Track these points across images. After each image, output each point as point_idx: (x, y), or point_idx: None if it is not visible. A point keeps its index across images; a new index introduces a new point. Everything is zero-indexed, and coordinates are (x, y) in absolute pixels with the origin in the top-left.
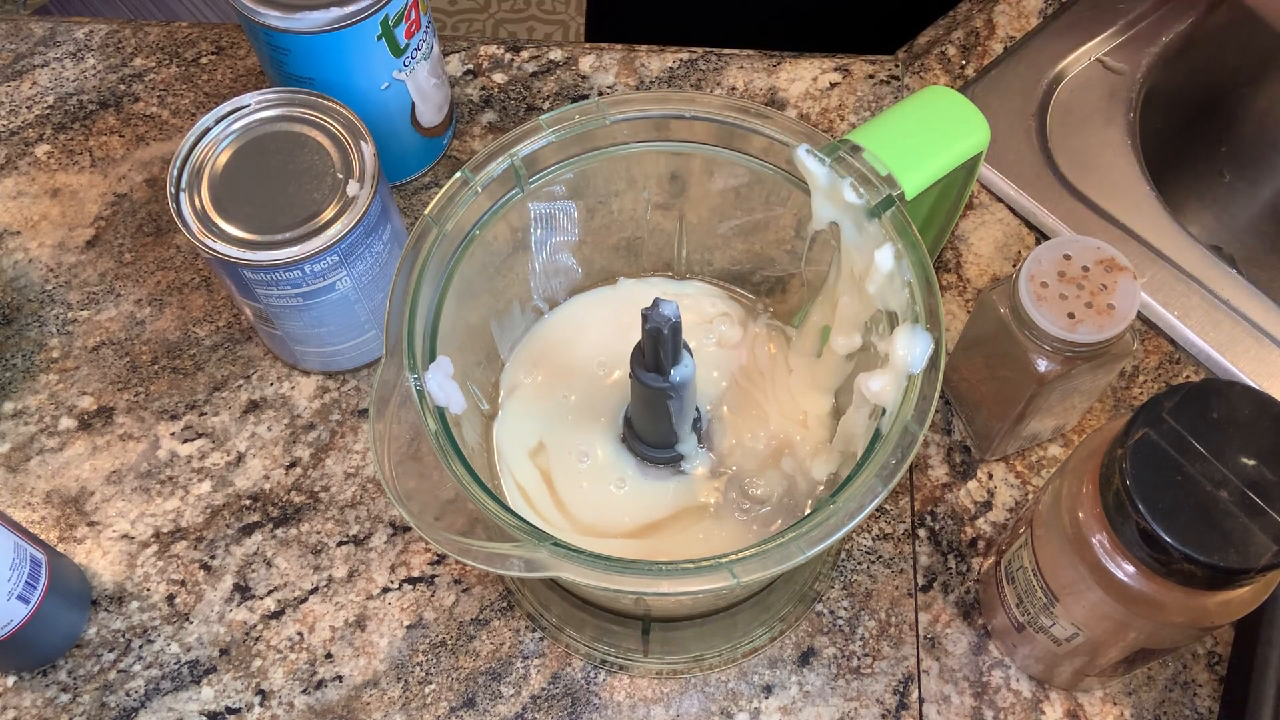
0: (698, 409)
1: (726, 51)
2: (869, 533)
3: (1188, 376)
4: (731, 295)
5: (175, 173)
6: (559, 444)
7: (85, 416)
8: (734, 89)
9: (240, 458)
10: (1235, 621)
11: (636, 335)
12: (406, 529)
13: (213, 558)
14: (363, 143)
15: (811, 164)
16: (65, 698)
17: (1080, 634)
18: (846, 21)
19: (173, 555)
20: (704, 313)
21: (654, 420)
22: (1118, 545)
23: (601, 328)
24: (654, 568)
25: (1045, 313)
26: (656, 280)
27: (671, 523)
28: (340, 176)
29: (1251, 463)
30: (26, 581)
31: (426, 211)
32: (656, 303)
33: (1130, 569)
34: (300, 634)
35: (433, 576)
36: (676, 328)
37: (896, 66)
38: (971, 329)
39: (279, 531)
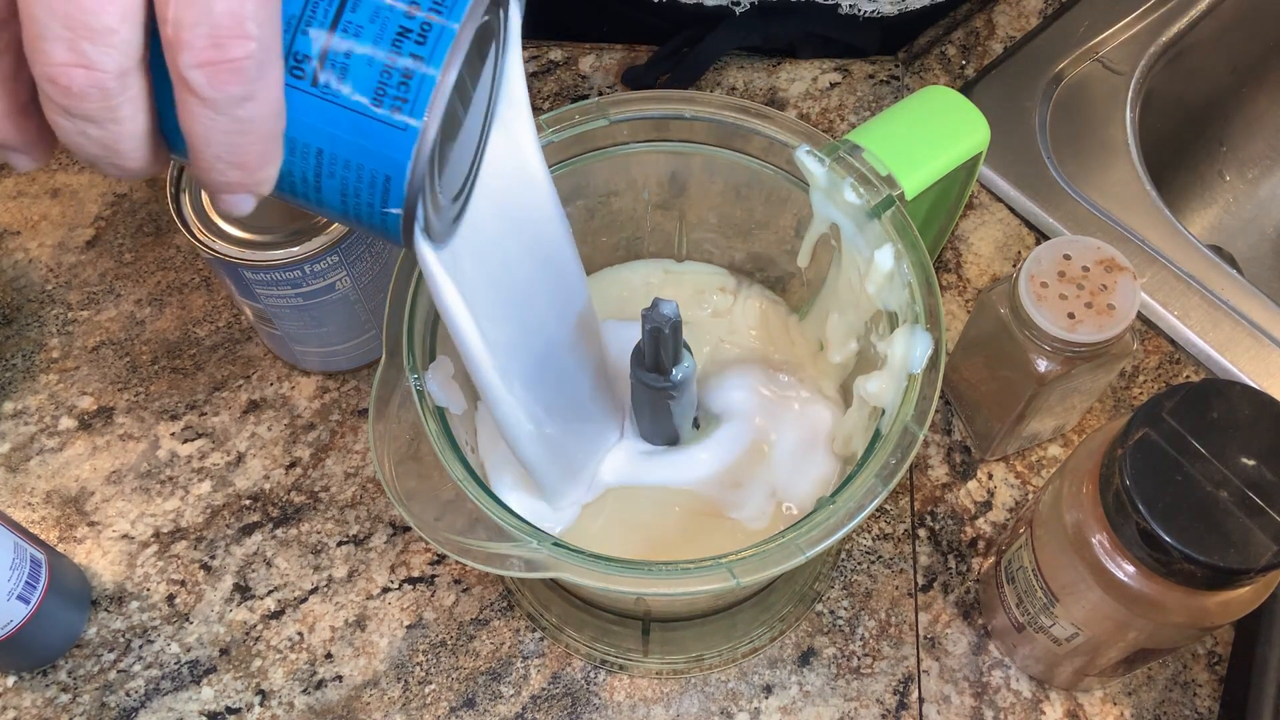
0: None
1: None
2: (869, 533)
3: (1188, 376)
4: (730, 273)
5: (175, 172)
6: None
7: (85, 416)
8: (734, 89)
9: (240, 458)
10: (1235, 621)
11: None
12: (406, 529)
13: (213, 558)
14: None
15: (811, 164)
16: (65, 698)
17: (1080, 634)
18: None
19: (173, 555)
20: (699, 286)
21: (655, 419)
22: (1118, 545)
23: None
24: (654, 568)
25: (1045, 313)
26: (640, 264)
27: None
28: None
29: (1251, 463)
30: (26, 581)
31: None
32: (656, 303)
33: (1130, 569)
34: (300, 634)
35: (433, 576)
36: (677, 326)
37: (896, 66)
38: (971, 329)
39: (279, 531)
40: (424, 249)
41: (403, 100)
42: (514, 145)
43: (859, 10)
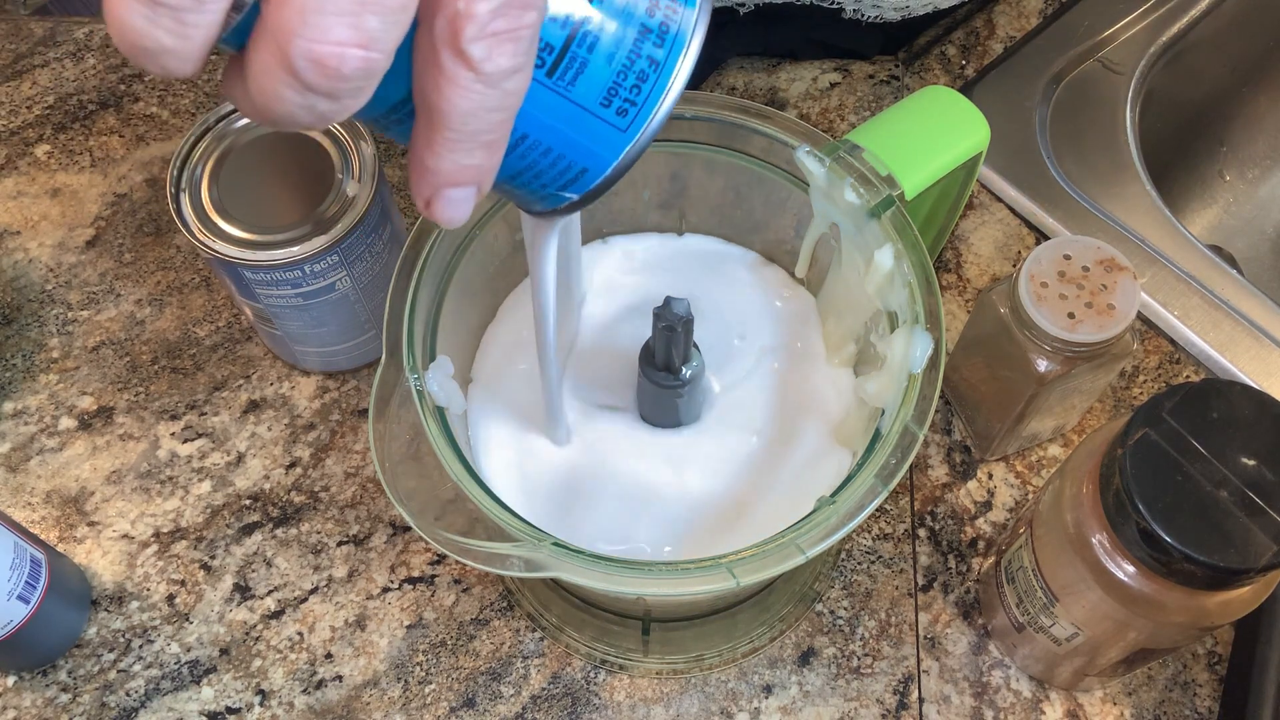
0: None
1: None
2: (869, 533)
3: (1188, 376)
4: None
5: (175, 173)
6: None
7: (85, 416)
8: (734, 89)
9: (240, 458)
10: (1235, 621)
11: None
12: (406, 529)
13: (213, 558)
14: (362, 142)
15: (811, 164)
16: (65, 698)
17: (1080, 634)
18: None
19: (173, 555)
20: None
21: (661, 410)
22: (1118, 545)
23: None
24: (654, 568)
25: (1045, 313)
26: (641, 236)
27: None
28: (340, 176)
29: (1251, 463)
30: (26, 581)
31: None
32: (668, 301)
33: (1130, 569)
34: (300, 634)
35: (433, 576)
36: (689, 325)
37: (896, 66)
38: (971, 329)
39: (279, 531)
40: (559, 224)
41: (631, 104)
42: None
43: (862, 15)
